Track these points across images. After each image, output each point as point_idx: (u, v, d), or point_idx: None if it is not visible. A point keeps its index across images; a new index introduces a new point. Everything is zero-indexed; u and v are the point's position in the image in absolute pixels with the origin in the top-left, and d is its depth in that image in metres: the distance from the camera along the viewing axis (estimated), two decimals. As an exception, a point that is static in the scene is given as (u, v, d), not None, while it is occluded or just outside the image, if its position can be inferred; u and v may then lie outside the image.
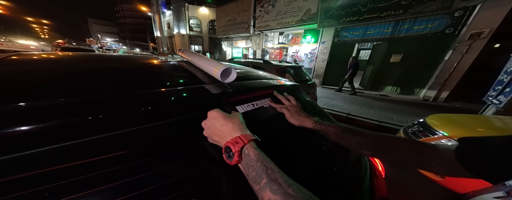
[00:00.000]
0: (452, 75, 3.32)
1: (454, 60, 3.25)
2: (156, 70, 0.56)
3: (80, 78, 0.40)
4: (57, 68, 0.46)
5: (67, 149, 0.22)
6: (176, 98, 0.36)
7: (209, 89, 0.42)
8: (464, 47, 3.11)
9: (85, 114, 0.25)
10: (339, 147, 0.36)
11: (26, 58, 0.50)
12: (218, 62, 0.49)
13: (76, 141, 0.23)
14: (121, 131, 0.26)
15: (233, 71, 0.47)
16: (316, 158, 0.45)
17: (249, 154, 0.24)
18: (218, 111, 0.30)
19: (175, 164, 0.27)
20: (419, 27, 3.50)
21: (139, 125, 0.28)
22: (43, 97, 0.28)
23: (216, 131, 0.28)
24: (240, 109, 0.42)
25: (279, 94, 0.50)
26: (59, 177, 0.20)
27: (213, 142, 0.29)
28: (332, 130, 0.37)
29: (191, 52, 0.63)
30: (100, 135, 0.24)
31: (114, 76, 0.44)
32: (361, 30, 4.30)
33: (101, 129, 0.25)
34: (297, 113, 0.42)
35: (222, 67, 0.44)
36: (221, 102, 0.40)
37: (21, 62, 0.47)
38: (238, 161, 0.24)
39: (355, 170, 0.49)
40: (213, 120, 0.29)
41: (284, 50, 6.86)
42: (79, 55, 0.63)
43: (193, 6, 11.76)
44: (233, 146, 0.24)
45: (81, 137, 0.23)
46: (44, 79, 0.36)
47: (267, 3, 6.16)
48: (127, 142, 0.26)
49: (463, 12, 3.07)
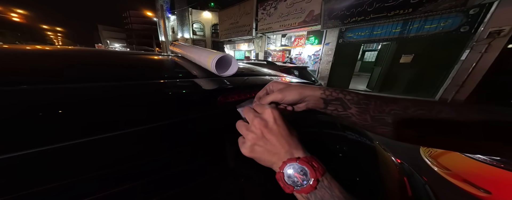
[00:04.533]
0: (471, 76, 3.08)
1: (472, 59, 3.02)
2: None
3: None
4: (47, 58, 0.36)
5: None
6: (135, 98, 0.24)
7: (199, 84, 0.29)
8: (483, 46, 2.89)
9: None
10: (364, 149, 0.25)
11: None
12: (215, 51, 0.37)
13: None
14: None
15: (234, 61, 0.34)
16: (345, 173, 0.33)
17: (330, 188, 0.17)
18: (278, 110, 0.21)
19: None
20: (430, 26, 3.32)
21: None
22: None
23: (275, 143, 0.20)
24: (241, 111, 0.30)
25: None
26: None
27: (260, 158, 0.21)
28: (350, 97, 0.23)
29: (184, 44, 0.51)
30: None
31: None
32: (367, 30, 4.14)
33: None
34: (288, 85, 0.26)
35: (217, 55, 0.32)
36: (216, 102, 0.28)
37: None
38: (311, 191, 0.18)
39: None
40: (275, 126, 0.20)
41: (286, 52, 6.79)
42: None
43: (196, 11, 12.07)
44: (312, 170, 0.18)
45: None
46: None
47: (269, 5, 6.15)
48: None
49: (479, 10, 2.87)
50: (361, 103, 0.22)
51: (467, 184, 1.08)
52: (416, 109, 0.19)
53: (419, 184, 0.44)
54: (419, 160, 1.42)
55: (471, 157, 1.09)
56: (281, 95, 0.24)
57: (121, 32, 39.95)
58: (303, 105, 0.25)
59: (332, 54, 4.92)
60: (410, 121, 0.19)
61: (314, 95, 0.24)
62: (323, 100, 0.24)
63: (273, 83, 0.27)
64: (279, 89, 0.25)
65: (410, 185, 0.41)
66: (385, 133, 0.21)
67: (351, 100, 0.23)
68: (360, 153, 0.47)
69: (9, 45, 0.42)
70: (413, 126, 0.19)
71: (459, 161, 1.14)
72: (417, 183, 0.44)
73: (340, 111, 0.23)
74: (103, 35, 38.46)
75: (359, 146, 0.50)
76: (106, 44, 31.49)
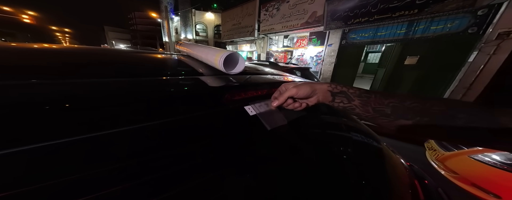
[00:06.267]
0: (479, 78, 3.00)
1: (480, 61, 2.95)
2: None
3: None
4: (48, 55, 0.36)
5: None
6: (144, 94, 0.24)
7: (205, 81, 0.30)
8: (492, 47, 2.82)
9: None
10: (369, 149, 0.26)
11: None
12: (222, 49, 0.37)
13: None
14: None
15: (241, 58, 0.35)
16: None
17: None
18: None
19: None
20: (436, 27, 3.26)
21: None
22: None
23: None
24: (251, 110, 0.31)
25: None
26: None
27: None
28: (353, 91, 0.28)
29: (191, 43, 0.52)
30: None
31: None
32: (371, 31, 4.10)
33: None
34: (299, 84, 0.30)
35: (225, 53, 0.33)
36: (223, 99, 0.30)
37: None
38: None
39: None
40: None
41: (288, 53, 6.77)
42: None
43: (199, 12, 12.22)
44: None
45: None
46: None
47: (271, 6, 6.17)
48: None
49: (488, 10, 2.80)
50: (363, 96, 0.26)
51: (476, 188, 1.04)
52: (412, 102, 0.22)
53: (432, 187, 0.42)
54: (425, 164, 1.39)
55: (480, 161, 1.06)
56: (296, 90, 0.28)
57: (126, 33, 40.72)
58: (314, 99, 0.29)
59: (335, 55, 4.89)
60: (406, 112, 0.22)
61: (323, 88, 0.29)
62: (330, 92, 0.28)
63: (285, 84, 0.31)
64: (293, 86, 0.29)
65: (422, 189, 0.39)
66: (385, 123, 0.24)
67: (354, 93, 0.27)
68: (367, 154, 0.46)
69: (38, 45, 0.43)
70: (409, 117, 0.22)
71: (467, 164, 1.11)
72: (430, 186, 0.42)
73: (345, 103, 0.27)
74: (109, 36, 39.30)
75: (365, 148, 0.48)
76: (111, 44, 32.14)
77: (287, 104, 0.30)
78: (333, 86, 0.28)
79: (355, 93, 0.27)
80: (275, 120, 0.31)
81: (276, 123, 0.30)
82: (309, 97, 0.29)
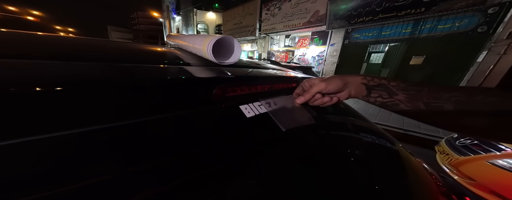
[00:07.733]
0: (488, 79, 2.90)
1: (489, 62, 2.85)
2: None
3: None
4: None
5: None
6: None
7: (191, 72, 0.23)
8: (502, 47, 2.71)
9: None
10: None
11: None
12: (211, 35, 0.30)
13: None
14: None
15: (237, 44, 0.28)
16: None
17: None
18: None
19: None
20: (444, 26, 3.17)
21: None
22: None
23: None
24: (247, 111, 0.24)
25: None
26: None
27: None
28: (395, 84, 0.22)
29: (180, 34, 0.46)
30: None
31: None
32: (374, 30, 4.02)
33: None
34: (327, 77, 0.27)
35: (215, 38, 0.26)
36: (212, 95, 0.22)
37: None
38: None
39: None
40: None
41: (290, 53, 6.72)
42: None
43: (201, 11, 12.26)
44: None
45: None
46: None
47: (273, 6, 6.12)
48: None
49: (499, 9, 2.70)
50: (409, 90, 0.21)
51: (496, 196, 0.96)
52: (485, 96, 0.15)
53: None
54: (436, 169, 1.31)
55: (499, 166, 0.98)
56: (325, 84, 0.25)
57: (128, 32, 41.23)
58: (345, 93, 0.25)
59: (337, 55, 4.82)
60: (478, 110, 0.16)
61: (356, 80, 0.24)
62: (365, 86, 0.23)
63: (308, 80, 0.28)
64: (321, 80, 0.25)
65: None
66: (443, 123, 0.19)
67: (397, 86, 0.21)
68: (379, 158, 0.39)
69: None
70: (482, 116, 0.16)
71: (485, 170, 1.02)
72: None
73: (385, 98, 0.22)
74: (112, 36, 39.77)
75: (377, 150, 0.43)
76: (114, 44, 32.48)
77: (314, 100, 0.26)
78: (369, 79, 0.24)
79: (398, 86, 0.22)
80: (294, 119, 0.26)
81: (297, 123, 0.26)
82: (340, 92, 0.26)
